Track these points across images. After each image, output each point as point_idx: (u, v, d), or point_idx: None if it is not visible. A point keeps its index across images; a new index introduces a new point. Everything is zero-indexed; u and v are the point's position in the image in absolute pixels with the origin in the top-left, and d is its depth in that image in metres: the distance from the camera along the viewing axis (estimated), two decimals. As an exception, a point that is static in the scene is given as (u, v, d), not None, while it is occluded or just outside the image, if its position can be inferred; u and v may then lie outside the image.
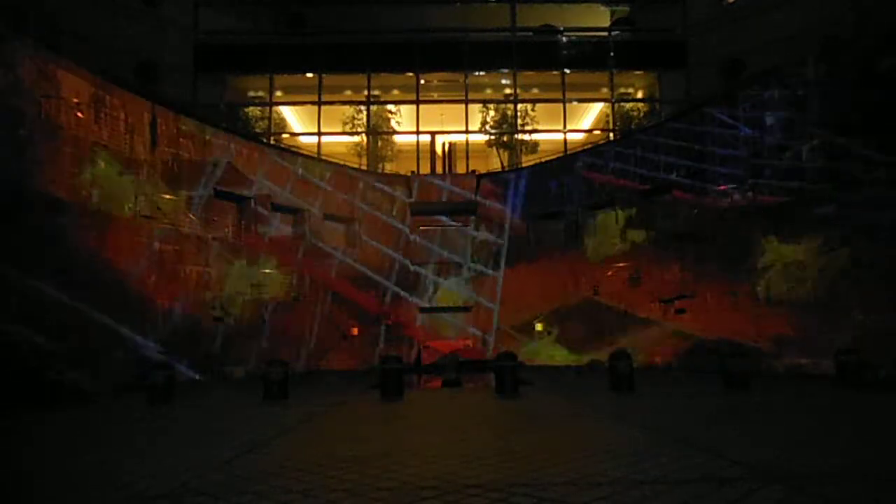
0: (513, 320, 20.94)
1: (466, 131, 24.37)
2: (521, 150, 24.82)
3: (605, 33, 24.75)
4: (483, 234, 21.63)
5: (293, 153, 20.86)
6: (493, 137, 25.30)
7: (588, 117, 27.04)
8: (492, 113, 25.15)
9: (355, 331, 20.50)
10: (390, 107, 25.53)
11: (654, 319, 17.66)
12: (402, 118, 25.40)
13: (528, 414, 8.09)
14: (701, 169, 17.02)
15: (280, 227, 19.03)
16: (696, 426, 6.47)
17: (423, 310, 21.98)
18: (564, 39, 24.18)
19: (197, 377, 15.34)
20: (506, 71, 24.63)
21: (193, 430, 7.09)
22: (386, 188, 21.63)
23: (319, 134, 23.93)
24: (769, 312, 14.65)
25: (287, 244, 19.11)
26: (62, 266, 12.31)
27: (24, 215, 11.67)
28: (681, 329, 16.98)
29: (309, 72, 24.19)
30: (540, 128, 24.91)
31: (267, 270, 18.21)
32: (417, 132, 24.27)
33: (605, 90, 24.85)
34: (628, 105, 25.28)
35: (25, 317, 11.22)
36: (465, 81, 24.50)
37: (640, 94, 26.03)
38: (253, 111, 24.63)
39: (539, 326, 21.05)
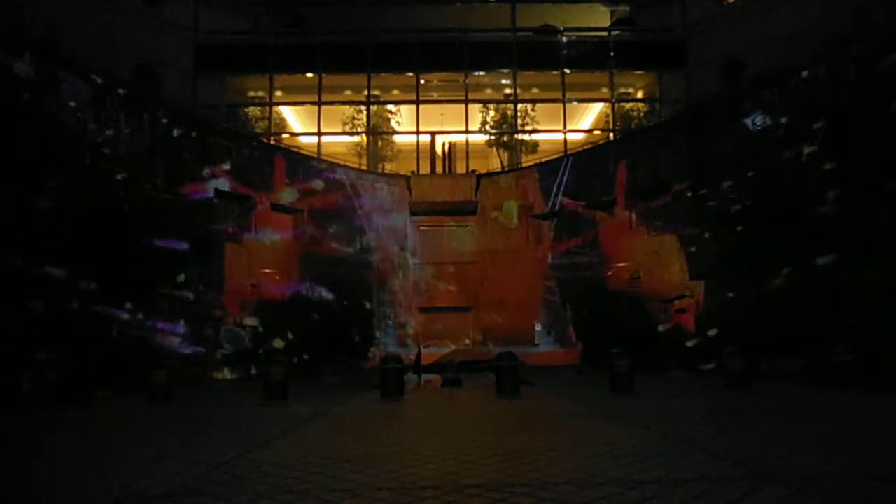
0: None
1: (466, 131, 24.35)
2: (521, 150, 24.82)
3: (605, 33, 24.72)
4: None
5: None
6: (493, 137, 25.28)
7: (588, 117, 27.03)
8: (492, 113, 25.12)
9: None
10: (390, 107, 25.50)
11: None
12: (402, 118, 25.38)
13: (529, 414, 8.09)
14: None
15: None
16: (696, 426, 6.47)
17: (422, 309, 21.98)
18: (564, 39, 24.14)
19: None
20: (506, 71, 24.60)
21: (193, 430, 7.09)
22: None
23: (319, 134, 23.92)
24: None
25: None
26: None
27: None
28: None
29: (309, 72, 24.17)
30: (540, 128, 24.89)
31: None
32: (417, 132, 24.25)
33: (605, 90, 24.83)
34: (628, 105, 25.26)
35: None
36: (465, 81, 24.48)
37: (640, 94, 26.01)
38: (253, 111, 24.62)
39: (538, 326, 21.07)
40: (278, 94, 24.87)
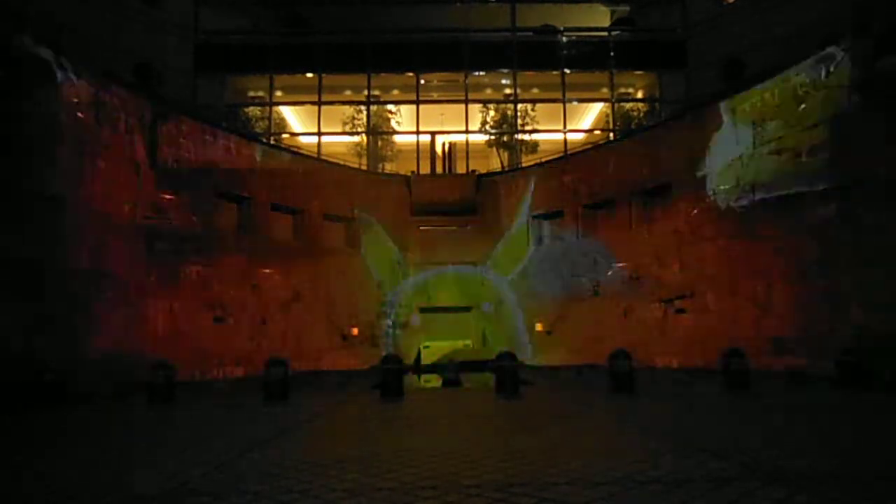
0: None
1: (466, 131, 24.36)
2: (521, 150, 24.83)
3: (605, 33, 24.75)
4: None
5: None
6: (493, 137, 25.30)
7: (588, 117, 27.05)
8: (492, 113, 25.14)
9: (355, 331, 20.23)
10: (390, 107, 25.52)
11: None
12: (402, 118, 25.40)
13: (528, 414, 8.08)
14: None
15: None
16: (696, 426, 6.47)
17: (422, 310, 21.99)
18: (564, 39, 24.17)
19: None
20: (506, 71, 24.63)
21: (193, 430, 7.09)
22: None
23: (319, 134, 23.93)
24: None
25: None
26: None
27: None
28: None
29: (309, 72, 24.19)
30: (540, 128, 24.91)
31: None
32: (417, 132, 24.26)
33: (605, 90, 24.85)
34: (628, 105, 25.27)
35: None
36: (465, 81, 24.49)
37: (640, 94, 26.03)
38: (253, 111, 24.63)
39: (539, 326, 21.05)
40: (278, 94, 24.88)
